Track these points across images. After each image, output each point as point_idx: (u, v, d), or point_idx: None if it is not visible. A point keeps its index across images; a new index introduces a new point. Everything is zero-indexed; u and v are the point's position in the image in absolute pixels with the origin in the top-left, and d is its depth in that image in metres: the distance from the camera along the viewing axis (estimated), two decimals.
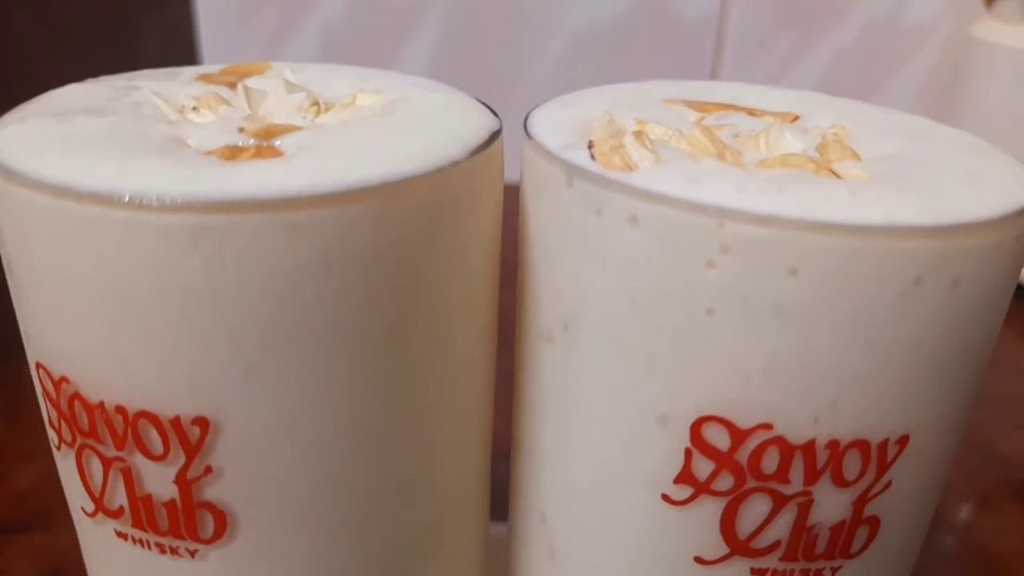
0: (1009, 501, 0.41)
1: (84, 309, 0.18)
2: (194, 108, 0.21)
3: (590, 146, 0.19)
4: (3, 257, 0.20)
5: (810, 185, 0.18)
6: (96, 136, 0.19)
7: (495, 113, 0.22)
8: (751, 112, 0.23)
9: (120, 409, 0.19)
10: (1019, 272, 0.19)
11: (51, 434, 0.21)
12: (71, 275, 0.18)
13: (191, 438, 0.19)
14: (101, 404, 0.19)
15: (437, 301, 0.20)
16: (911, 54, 0.71)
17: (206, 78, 0.24)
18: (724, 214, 0.17)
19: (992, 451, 0.44)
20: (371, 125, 0.20)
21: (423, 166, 0.18)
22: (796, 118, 0.23)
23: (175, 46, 0.69)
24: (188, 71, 0.25)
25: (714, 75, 0.72)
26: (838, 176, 0.19)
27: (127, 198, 0.17)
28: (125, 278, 0.17)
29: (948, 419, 0.20)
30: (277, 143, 0.19)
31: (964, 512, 0.41)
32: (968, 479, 0.42)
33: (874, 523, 0.20)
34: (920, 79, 0.71)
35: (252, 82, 0.23)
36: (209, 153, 0.19)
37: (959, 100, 0.67)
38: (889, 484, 0.19)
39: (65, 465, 0.21)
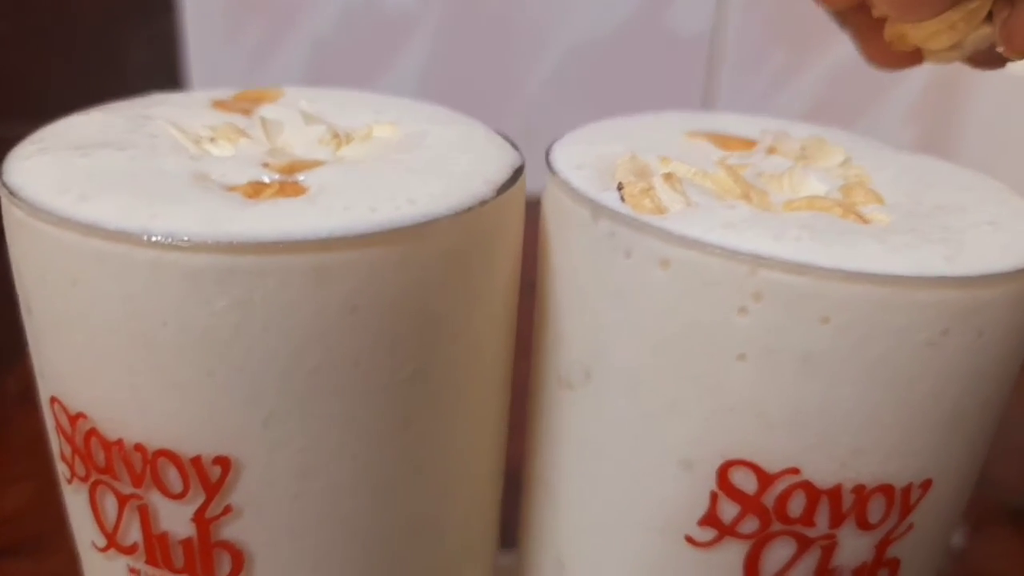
0: (1003, 525, 0.41)
1: (106, 349, 0.18)
2: (212, 139, 0.21)
3: (619, 187, 0.19)
4: (21, 294, 0.19)
5: (840, 232, 0.18)
6: (119, 172, 0.18)
7: (515, 146, 0.22)
8: (771, 150, 0.23)
9: (139, 447, 0.19)
10: None
11: (62, 468, 0.21)
12: (94, 314, 0.17)
13: (211, 477, 0.19)
14: (119, 441, 0.19)
15: (459, 342, 0.20)
16: (904, 73, 0.71)
17: (220, 104, 0.24)
18: (758, 261, 0.17)
19: (985, 474, 0.44)
20: (393, 162, 0.20)
21: (449, 207, 0.18)
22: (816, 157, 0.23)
23: (161, 58, 0.68)
24: (201, 96, 0.24)
25: (707, 91, 0.72)
26: (864, 220, 0.19)
27: (156, 238, 0.16)
28: (150, 319, 0.17)
29: (969, 462, 0.20)
30: (300, 178, 0.19)
31: (958, 536, 0.41)
32: None
33: (894, 564, 0.20)
34: (913, 98, 0.72)
35: (267, 111, 0.23)
36: (233, 189, 0.18)
37: (952, 119, 0.68)
38: (911, 527, 0.19)
39: (76, 499, 0.21)
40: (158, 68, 0.69)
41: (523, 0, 0.67)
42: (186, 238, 0.16)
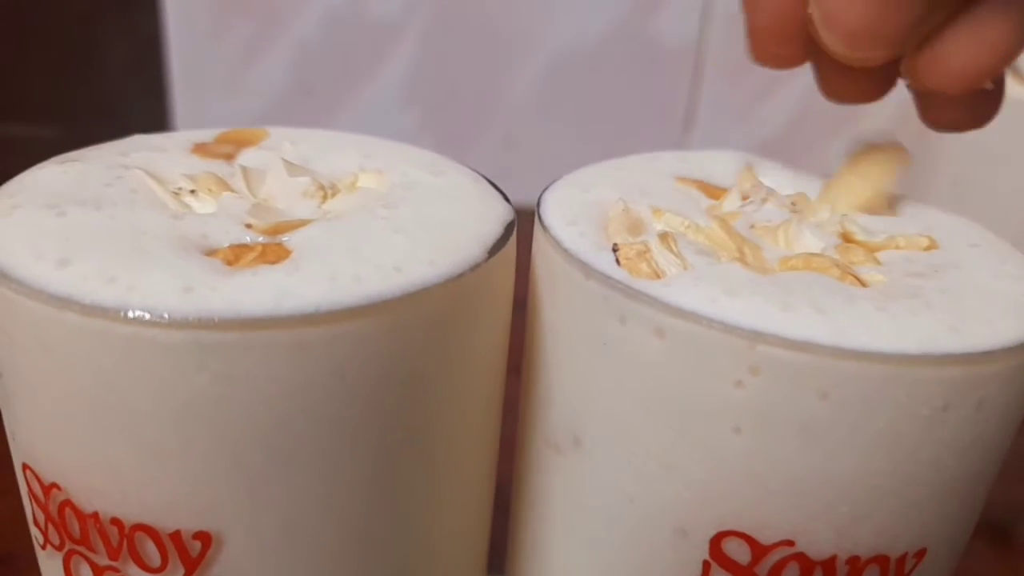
0: (985, 542, 0.41)
1: (80, 421, 0.17)
2: (192, 191, 0.20)
3: (615, 248, 0.19)
4: None
5: (839, 300, 0.17)
6: (96, 234, 0.18)
7: (506, 197, 0.22)
8: (764, 199, 0.22)
9: (116, 521, 0.18)
10: None
11: (35, 532, 0.20)
12: (68, 386, 0.17)
13: (192, 552, 0.18)
14: (95, 514, 0.18)
15: (449, 405, 0.19)
16: None
17: (201, 149, 0.23)
18: (756, 336, 0.17)
19: None
20: (378, 221, 0.19)
21: (438, 273, 0.18)
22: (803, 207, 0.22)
23: (143, 57, 0.67)
24: (180, 139, 0.23)
25: (692, 100, 0.72)
26: (862, 283, 0.19)
27: (133, 314, 0.16)
28: (125, 393, 0.16)
29: (963, 529, 0.20)
30: (284, 239, 0.18)
31: None
32: None
33: None
34: (895, 107, 0.72)
35: (249, 157, 0.22)
36: (213, 253, 0.18)
37: (934, 132, 0.68)
38: None
39: (49, 565, 0.20)
40: (140, 68, 0.68)
41: (508, 8, 0.67)
42: (165, 315, 0.16)
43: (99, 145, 0.23)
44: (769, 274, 0.19)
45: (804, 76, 0.24)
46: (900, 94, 0.23)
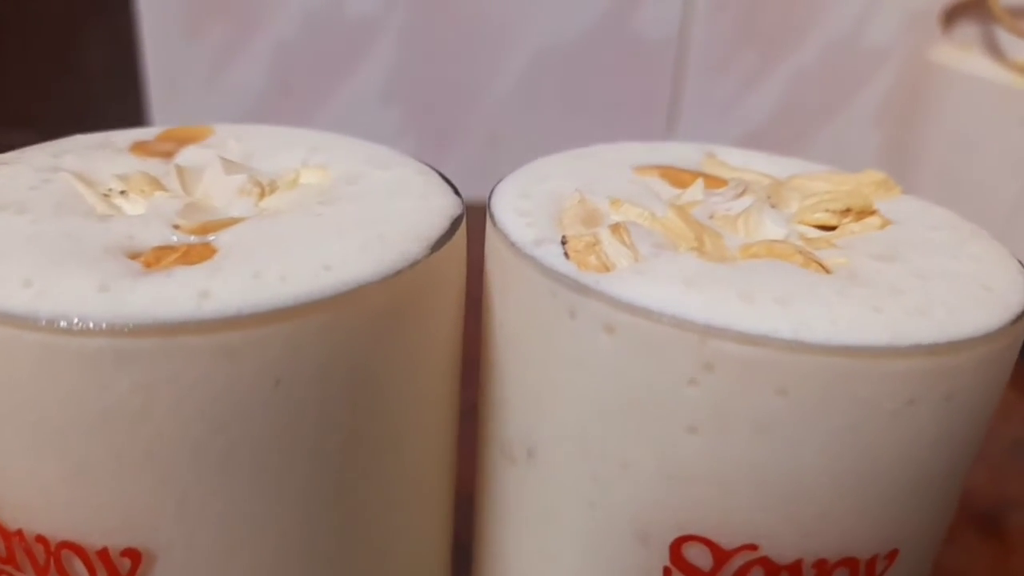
0: (974, 533, 0.40)
1: None
2: (122, 192, 0.19)
3: (563, 241, 0.18)
4: None
5: (801, 288, 0.17)
6: (15, 240, 0.17)
7: (456, 190, 0.21)
8: (723, 182, 0.21)
9: (40, 539, 0.17)
10: (1007, 379, 0.18)
11: None
12: None
13: (121, 570, 0.17)
14: (19, 532, 0.17)
15: (394, 408, 0.18)
16: (870, 76, 0.71)
17: (141, 147, 0.22)
18: (708, 331, 0.16)
19: None
20: (314, 217, 0.18)
21: (374, 271, 0.17)
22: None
23: (119, 58, 0.66)
24: (122, 138, 0.23)
25: (675, 94, 0.71)
26: (826, 269, 0.18)
27: (43, 321, 0.15)
28: (43, 405, 0.15)
29: (936, 528, 0.19)
30: (212, 239, 0.17)
31: None
32: None
33: None
34: (879, 101, 0.71)
35: (189, 155, 0.21)
36: (136, 256, 0.17)
37: (917, 124, 0.67)
38: None
39: None
40: (116, 71, 0.67)
41: (488, 4, 0.66)
42: (76, 320, 0.15)
43: (35, 146, 0.22)
44: (729, 263, 0.18)
45: (785, 69, 0.23)
46: (885, 86, 0.22)
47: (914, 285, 0.17)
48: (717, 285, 0.16)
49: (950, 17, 0.64)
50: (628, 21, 0.67)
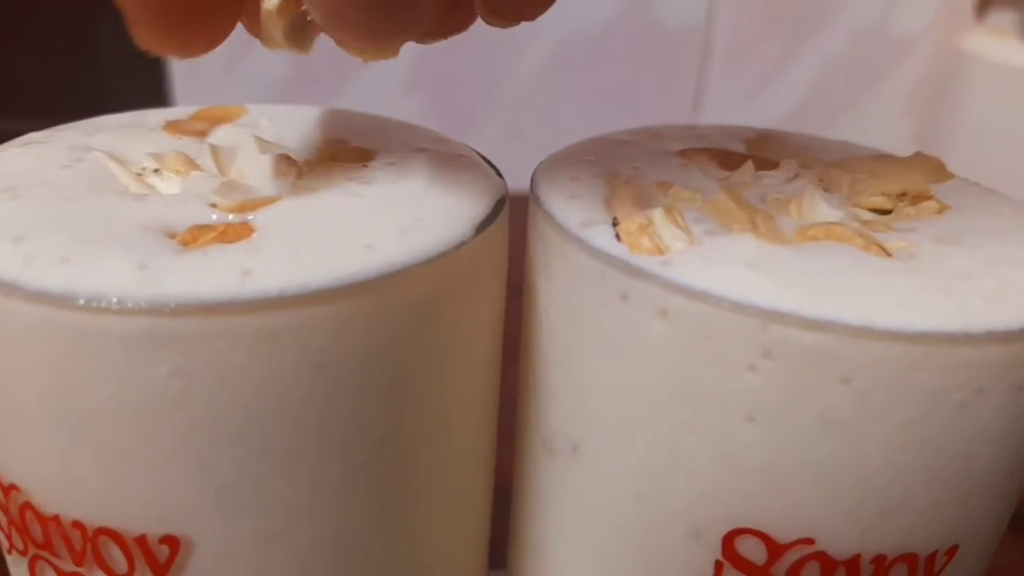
0: (1016, 536, 0.40)
1: (35, 420, 0.16)
2: (155, 170, 0.19)
3: (615, 223, 0.17)
4: None
5: (864, 272, 0.16)
6: (48, 219, 0.16)
7: (498, 172, 0.20)
8: (773, 164, 0.21)
9: (78, 524, 0.17)
10: None
11: None
12: (20, 382, 0.15)
13: (159, 557, 0.17)
14: (56, 517, 0.17)
15: (435, 396, 0.18)
16: (898, 64, 0.70)
17: (173, 127, 0.21)
18: (771, 316, 0.15)
19: None
20: (353, 197, 0.18)
21: (417, 252, 0.16)
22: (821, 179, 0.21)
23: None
24: (154, 117, 0.22)
25: (700, 83, 0.70)
26: (887, 252, 0.17)
27: (82, 300, 0.14)
28: (80, 389, 0.15)
29: (997, 523, 0.18)
30: (250, 218, 0.17)
31: None
32: None
33: None
34: (907, 90, 0.70)
35: (222, 134, 0.21)
36: (173, 235, 0.16)
37: (946, 113, 0.66)
38: None
39: (16, 571, 0.19)
40: (138, 62, 0.66)
41: None
42: (115, 300, 0.14)
43: (66, 125, 0.21)
44: (787, 245, 0.17)
45: (811, 58, 0.22)
46: (914, 75, 0.22)
47: (983, 270, 0.16)
48: (779, 268, 0.16)
49: (984, 4, 0.63)
50: (652, 10, 0.66)
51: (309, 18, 0.15)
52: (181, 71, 0.65)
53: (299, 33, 0.16)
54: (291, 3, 0.16)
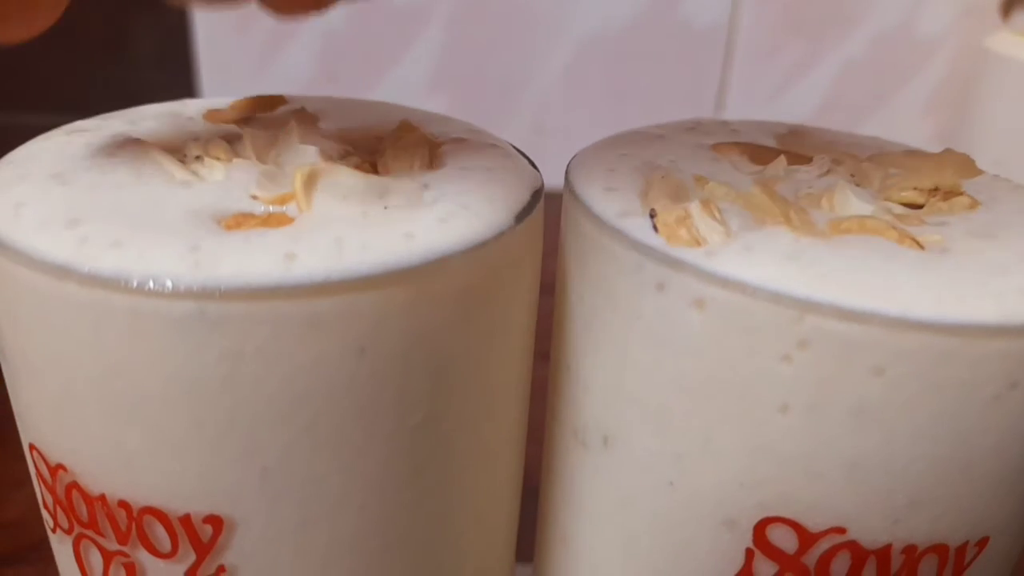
0: None
1: (85, 401, 0.16)
2: (198, 157, 0.19)
3: (652, 214, 0.17)
4: None
5: (898, 265, 0.16)
6: (100, 204, 0.17)
7: (533, 164, 0.21)
8: (806, 159, 0.21)
9: (123, 504, 0.17)
10: None
11: (45, 515, 0.20)
12: (70, 363, 0.16)
13: (203, 537, 0.17)
14: (102, 496, 0.17)
15: (473, 384, 0.18)
16: (922, 65, 0.69)
17: (214, 115, 0.22)
18: (804, 306, 0.15)
19: None
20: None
21: (458, 240, 0.16)
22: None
23: (171, 48, 0.66)
24: (194, 107, 0.23)
25: (723, 83, 0.70)
26: (920, 246, 0.17)
27: (135, 283, 0.15)
28: (130, 371, 0.15)
29: None
30: (288, 209, 0.17)
31: None
32: None
33: None
34: (930, 91, 0.70)
35: (262, 123, 0.21)
36: (219, 222, 0.17)
37: (970, 115, 0.66)
38: None
39: (61, 549, 0.20)
40: (167, 59, 0.67)
41: None
42: (168, 284, 0.15)
43: (109, 114, 0.22)
44: (822, 238, 0.17)
45: (834, 58, 0.22)
46: (937, 75, 0.22)
47: (1017, 264, 0.16)
48: (815, 261, 0.16)
49: (1010, 4, 0.62)
50: (675, 10, 0.66)
51: None
52: (209, 72, 0.66)
53: None
54: None
